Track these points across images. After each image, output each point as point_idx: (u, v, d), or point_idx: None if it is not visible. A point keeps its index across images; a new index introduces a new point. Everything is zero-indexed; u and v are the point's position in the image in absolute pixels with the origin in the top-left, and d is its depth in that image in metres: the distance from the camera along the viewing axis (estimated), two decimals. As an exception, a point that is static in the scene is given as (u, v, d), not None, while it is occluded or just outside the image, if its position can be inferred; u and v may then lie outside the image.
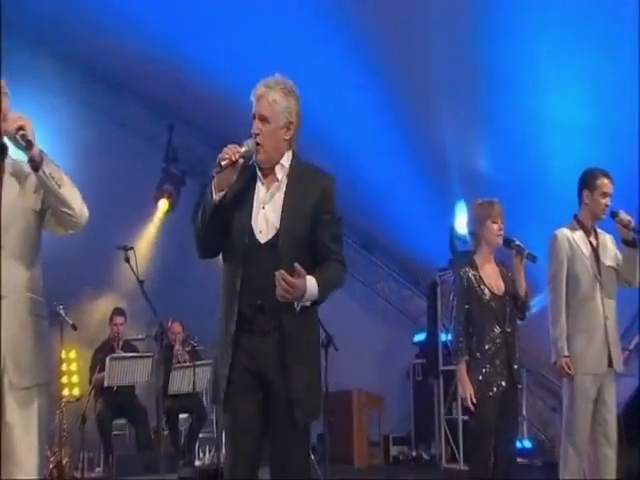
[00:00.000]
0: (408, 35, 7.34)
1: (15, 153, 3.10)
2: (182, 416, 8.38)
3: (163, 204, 10.03)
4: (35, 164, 2.95)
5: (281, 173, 3.23)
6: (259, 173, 3.24)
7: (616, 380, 4.94)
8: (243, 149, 3.10)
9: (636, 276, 4.93)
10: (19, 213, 3.06)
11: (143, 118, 10.12)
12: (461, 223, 9.50)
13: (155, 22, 8.08)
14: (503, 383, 4.77)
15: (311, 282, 3.04)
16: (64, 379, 8.46)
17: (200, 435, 8.29)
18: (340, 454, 8.85)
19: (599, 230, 5.02)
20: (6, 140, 3.01)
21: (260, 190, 3.23)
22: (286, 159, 3.26)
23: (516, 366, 4.82)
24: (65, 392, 8.29)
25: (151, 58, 8.58)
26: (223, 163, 3.03)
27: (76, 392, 8.57)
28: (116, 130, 9.64)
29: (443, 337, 9.92)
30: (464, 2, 6.92)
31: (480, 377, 4.75)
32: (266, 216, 3.18)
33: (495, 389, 4.74)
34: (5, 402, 2.91)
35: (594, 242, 4.96)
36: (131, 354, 8.13)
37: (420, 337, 10.77)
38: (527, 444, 9.21)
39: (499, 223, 4.87)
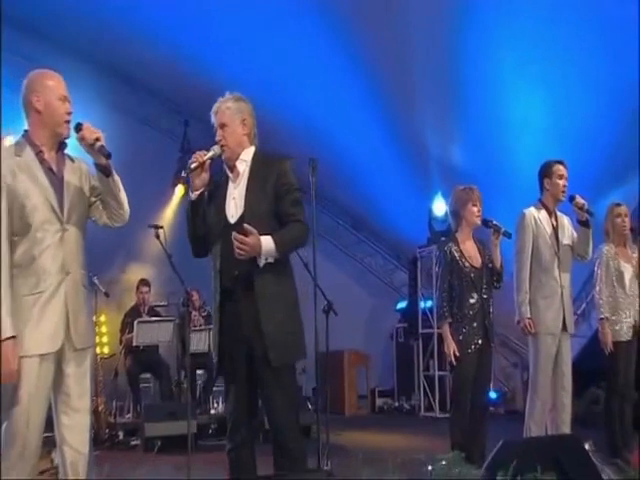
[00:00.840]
0: (396, 44, 7.44)
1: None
2: (199, 372, 8.40)
3: (180, 189, 10.07)
4: (108, 171, 3.03)
5: (243, 166, 3.37)
6: (229, 174, 3.41)
7: (569, 339, 5.02)
8: (210, 153, 3.30)
9: (588, 252, 5.02)
10: (79, 199, 3.10)
11: (161, 115, 10.26)
12: (438, 207, 9.70)
13: (173, 32, 8.19)
14: (480, 342, 4.81)
15: (267, 240, 3.14)
16: (96, 339, 8.61)
17: (214, 388, 8.28)
18: (333, 405, 8.89)
19: (559, 213, 5.08)
20: (68, 142, 3.12)
21: (230, 186, 3.38)
22: (247, 154, 3.39)
23: (490, 327, 4.87)
24: (97, 350, 8.43)
25: (169, 63, 8.71)
26: (192, 166, 3.24)
27: (106, 350, 8.54)
28: (138, 126, 9.72)
29: (422, 305, 10.13)
30: (444, 21, 7.05)
31: (460, 337, 4.79)
32: (235, 202, 3.32)
33: (473, 347, 4.79)
34: (65, 358, 3.00)
35: (554, 223, 5.00)
36: (155, 318, 8.19)
37: (402, 305, 10.92)
38: (492, 395, 9.19)
39: (478, 206, 4.91)
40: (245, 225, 3.12)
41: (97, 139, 2.98)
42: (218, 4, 7.72)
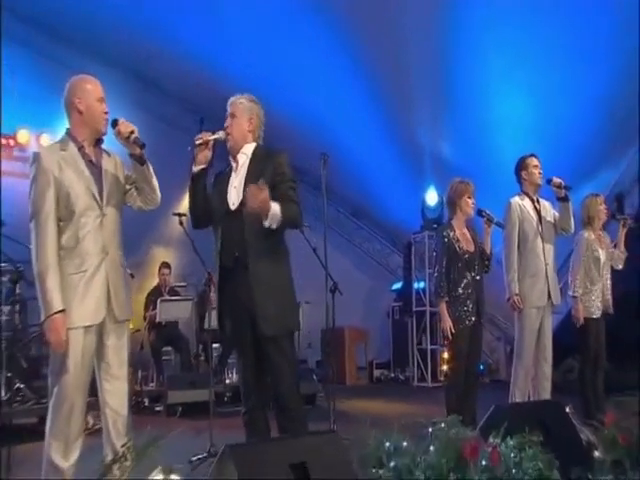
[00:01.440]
0: (394, 48, 7.45)
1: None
2: (214, 345, 8.24)
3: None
4: (142, 160, 3.12)
5: (244, 158, 3.43)
6: (233, 164, 3.47)
7: (552, 314, 5.11)
8: (215, 135, 3.37)
9: (571, 225, 5.08)
10: (116, 188, 3.17)
11: (179, 114, 10.10)
12: (430, 197, 9.74)
13: (190, 40, 8.20)
14: (473, 318, 4.87)
15: (275, 204, 3.16)
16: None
17: (229, 360, 8.28)
18: (334, 376, 8.92)
19: (541, 199, 5.14)
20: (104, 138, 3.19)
21: (232, 176, 3.43)
22: (248, 148, 3.44)
23: (482, 305, 4.93)
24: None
25: (185, 68, 8.72)
26: (197, 142, 3.31)
27: (131, 326, 8.62)
28: (157, 124, 9.61)
29: (416, 285, 10.17)
30: (438, 29, 7.08)
31: (456, 314, 4.85)
32: (235, 190, 3.37)
33: (467, 323, 4.85)
34: (106, 330, 3.07)
35: (537, 206, 5.06)
36: (176, 297, 8.25)
37: (397, 285, 10.93)
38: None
39: (473, 199, 4.99)
40: (261, 182, 3.13)
41: (132, 132, 3.06)
42: (229, 13, 7.70)
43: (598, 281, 5.48)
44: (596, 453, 2.79)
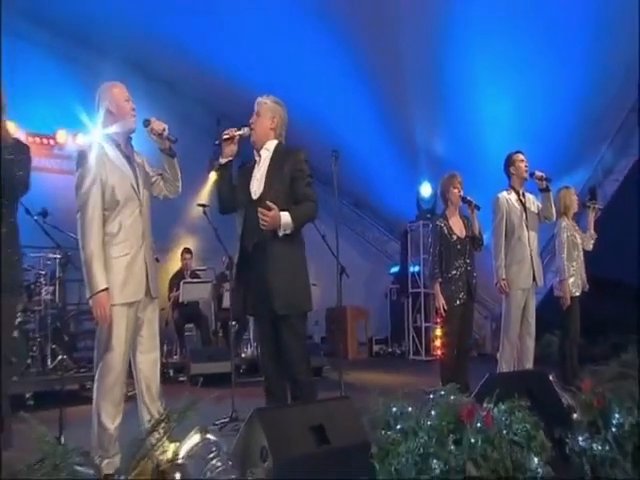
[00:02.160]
0: (393, 54, 7.45)
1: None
2: (231, 323, 8.53)
3: (214, 175, 10.08)
4: (172, 153, 3.22)
5: (266, 153, 3.43)
6: (257, 158, 3.49)
7: (535, 294, 5.18)
8: (240, 131, 3.40)
9: (553, 213, 5.14)
10: (146, 180, 3.25)
11: (198, 115, 10.16)
12: (425, 190, 9.76)
13: (207, 49, 8.21)
14: (463, 296, 4.96)
15: (285, 215, 3.19)
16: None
17: (244, 336, 8.34)
18: (338, 350, 8.87)
19: (526, 193, 5.20)
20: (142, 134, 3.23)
21: (255, 169, 3.44)
22: (270, 145, 3.44)
23: (474, 286, 5.03)
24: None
25: (204, 74, 8.74)
26: (224, 137, 3.37)
27: None
28: (178, 124, 9.65)
29: (411, 269, 10.21)
30: (432, 38, 7.11)
31: (448, 293, 4.95)
32: (257, 182, 3.38)
33: (458, 301, 4.94)
34: (142, 306, 3.13)
35: (523, 199, 5.12)
36: (197, 280, 8.31)
37: (395, 269, 10.98)
38: (467, 341, 9.48)
39: (459, 188, 5.10)
40: (268, 202, 3.18)
41: (164, 129, 3.13)
42: (234, 17, 7.67)
43: (577, 263, 5.55)
44: (575, 415, 2.86)
